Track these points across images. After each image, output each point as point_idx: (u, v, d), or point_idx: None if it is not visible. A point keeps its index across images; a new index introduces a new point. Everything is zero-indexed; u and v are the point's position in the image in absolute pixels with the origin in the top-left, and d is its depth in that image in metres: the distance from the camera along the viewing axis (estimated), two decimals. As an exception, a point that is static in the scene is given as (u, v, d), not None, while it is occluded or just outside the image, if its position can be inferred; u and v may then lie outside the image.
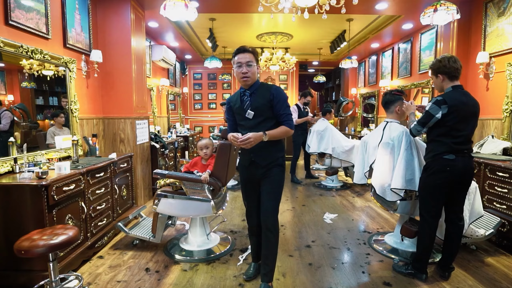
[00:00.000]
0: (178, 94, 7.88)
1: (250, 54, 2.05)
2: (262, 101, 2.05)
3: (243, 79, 2.06)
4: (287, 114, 2.06)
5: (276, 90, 2.07)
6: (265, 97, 2.05)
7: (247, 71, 2.03)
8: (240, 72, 2.05)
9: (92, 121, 3.68)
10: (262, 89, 2.10)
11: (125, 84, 3.89)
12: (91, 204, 2.72)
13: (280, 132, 2.03)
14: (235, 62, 2.07)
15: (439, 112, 2.17)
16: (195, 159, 2.87)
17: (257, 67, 2.10)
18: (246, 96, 2.11)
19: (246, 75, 2.04)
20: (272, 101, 2.04)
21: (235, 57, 2.08)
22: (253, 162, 2.13)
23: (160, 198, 2.67)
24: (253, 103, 2.07)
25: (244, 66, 2.03)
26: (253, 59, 2.05)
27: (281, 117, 2.05)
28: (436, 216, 2.31)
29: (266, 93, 2.06)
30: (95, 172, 2.77)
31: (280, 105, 2.03)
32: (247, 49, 2.06)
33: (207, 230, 2.94)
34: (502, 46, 3.50)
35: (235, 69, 2.08)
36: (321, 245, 2.99)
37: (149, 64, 5.60)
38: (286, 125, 2.05)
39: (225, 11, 4.57)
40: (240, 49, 2.06)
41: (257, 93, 2.08)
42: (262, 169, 2.11)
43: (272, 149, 2.10)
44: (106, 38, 3.82)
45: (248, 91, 2.11)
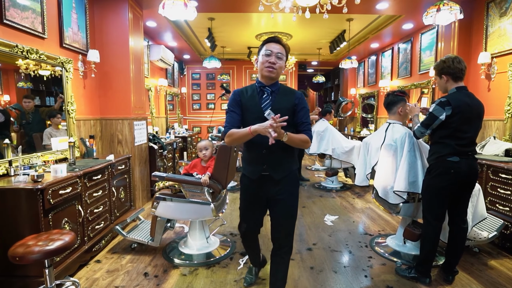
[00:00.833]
0: (176, 94, 7.83)
1: (283, 48, 1.80)
2: (285, 104, 1.80)
3: (268, 69, 1.76)
4: (308, 123, 1.83)
5: (301, 96, 1.85)
6: (289, 101, 1.82)
7: (276, 62, 1.76)
8: (267, 61, 1.75)
9: (90, 122, 3.62)
10: (285, 91, 1.86)
11: (123, 84, 3.83)
12: (88, 207, 2.67)
13: (300, 139, 1.75)
14: (263, 50, 1.79)
15: (443, 114, 2.13)
16: (195, 161, 2.82)
17: (284, 65, 1.83)
18: (266, 93, 1.82)
19: (274, 67, 1.76)
20: (296, 107, 1.81)
21: (264, 45, 1.79)
22: (265, 175, 1.82)
23: (159, 201, 2.62)
24: (274, 103, 1.80)
25: (274, 56, 1.75)
26: (284, 53, 1.80)
27: (302, 126, 1.80)
28: (440, 219, 2.28)
29: (291, 97, 1.83)
30: (92, 175, 2.72)
31: (303, 112, 1.81)
32: (281, 41, 1.80)
33: (207, 233, 2.89)
34: (504, 47, 3.47)
35: (261, 58, 1.79)
36: (322, 248, 2.95)
37: (147, 64, 5.54)
38: (307, 134, 1.78)
39: (224, 10, 4.52)
40: (273, 38, 1.80)
41: (280, 93, 1.83)
42: (276, 185, 1.82)
43: (289, 160, 1.85)
44: (103, 37, 3.76)
45: (269, 88, 1.82)
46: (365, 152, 2.97)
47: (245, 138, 1.70)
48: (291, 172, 1.86)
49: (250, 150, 1.86)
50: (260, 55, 1.81)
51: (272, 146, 1.65)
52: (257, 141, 1.73)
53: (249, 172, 1.89)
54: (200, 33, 6.12)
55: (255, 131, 1.61)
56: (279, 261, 1.93)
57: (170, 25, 5.16)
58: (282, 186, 1.83)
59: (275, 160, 1.80)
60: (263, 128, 1.58)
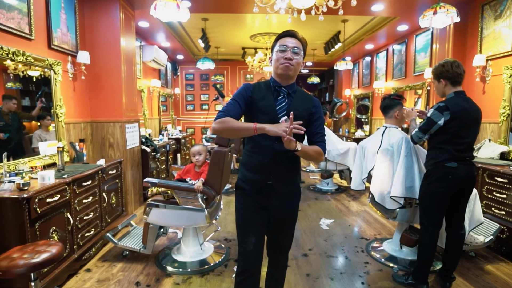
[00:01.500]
0: (169, 95, 7.72)
1: (299, 42, 1.57)
2: (302, 110, 1.59)
3: (285, 65, 1.53)
4: (323, 135, 1.64)
5: (319, 104, 1.67)
6: (306, 107, 1.61)
7: (292, 58, 1.54)
8: (283, 57, 1.53)
9: (80, 125, 3.52)
10: (302, 96, 1.65)
11: (114, 86, 3.74)
12: (78, 215, 2.58)
13: (313, 151, 1.56)
14: (276, 46, 1.57)
15: (441, 119, 2.10)
16: (188, 166, 2.75)
17: (303, 63, 1.61)
18: (282, 95, 1.61)
19: (290, 63, 1.53)
20: (313, 115, 1.62)
21: (278, 40, 1.58)
22: (268, 186, 1.61)
23: (151, 207, 2.55)
24: (291, 108, 1.57)
25: (289, 51, 1.53)
26: (301, 48, 1.57)
27: (317, 136, 1.62)
28: (437, 225, 2.25)
29: (308, 103, 1.63)
30: (82, 181, 2.63)
31: (319, 122, 1.64)
32: (297, 34, 1.58)
33: (200, 239, 2.83)
34: (498, 49, 3.46)
35: (276, 55, 1.57)
36: (318, 254, 2.91)
37: (139, 65, 5.44)
38: (321, 147, 1.60)
39: (218, 11, 4.45)
40: (288, 32, 1.58)
41: (297, 97, 1.62)
42: (279, 198, 1.64)
43: (296, 171, 1.69)
44: (94, 38, 3.67)
45: (286, 89, 1.61)
46: (361, 156, 2.94)
47: (244, 132, 1.49)
48: (297, 186, 1.72)
49: (254, 155, 1.61)
50: (274, 52, 1.60)
51: (282, 155, 1.53)
52: (267, 146, 1.54)
53: (250, 180, 1.64)
54: (193, 34, 6.04)
55: (262, 129, 1.40)
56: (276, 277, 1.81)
57: (163, 26, 5.07)
58: (285, 200, 1.66)
59: (283, 171, 1.62)
60: (277, 129, 1.37)
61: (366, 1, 3.90)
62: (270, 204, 1.64)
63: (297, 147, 1.43)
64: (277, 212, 1.66)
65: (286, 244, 1.77)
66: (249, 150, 1.64)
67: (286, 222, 1.71)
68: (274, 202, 1.64)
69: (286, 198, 1.66)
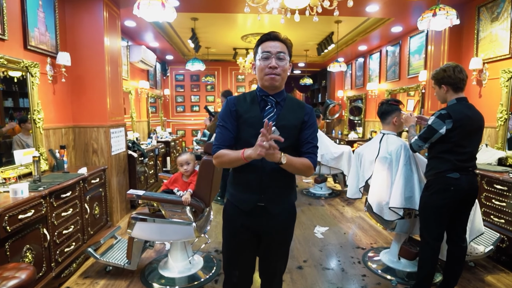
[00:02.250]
0: (159, 96, 7.51)
1: (283, 44, 1.41)
2: (293, 120, 1.43)
3: (270, 77, 1.39)
4: (314, 146, 1.45)
5: (312, 111, 1.49)
6: (297, 116, 1.44)
7: (277, 66, 1.38)
8: (267, 66, 1.38)
9: (60, 130, 3.31)
10: (292, 104, 1.48)
11: (98, 88, 3.54)
12: (56, 229, 2.39)
13: (301, 164, 1.39)
14: (259, 52, 1.42)
15: (443, 127, 1.99)
16: (176, 175, 2.59)
17: (290, 65, 1.45)
18: (270, 104, 1.45)
19: (276, 72, 1.38)
20: (304, 124, 1.44)
21: (259, 45, 1.43)
22: (259, 207, 1.45)
23: (135, 221, 2.37)
24: (280, 118, 1.42)
25: (273, 57, 1.38)
26: (286, 51, 1.41)
27: (307, 146, 1.43)
28: (439, 238, 2.14)
29: (299, 111, 1.45)
30: (61, 192, 2.44)
31: (311, 130, 1.45)
32: (279, 36, 1.41)
33: (189, 253, 2.67)
34: (495, 52, 3.39)
35: (259, 62, 1.42)
36: (313, 266, 2.78)
37: (126, 66, 5.23)
38: (310, 160, 1.42)
39: (208, 10, 4.29)
40: (269, 36, 1.41)
41: (287, 105, 1.46)
42: (271, 219, 1.46)
43: (290, 190, 1.51)
44: (76, 38, 3.46)
45: (273, 98, 1.45)
46: (357, 164, 2.82)
47: (237, 163, 1.37)
48: (291, 206, 1.54)
49: (241, 172, 1.45)
50: (256, 59, 1.43)
51: (273, 171, 1.38)
52: (254, 163, 1.37)
53: (239, 201, 1.48)
54: (183, 34, 5.85)
55: (249, 157, 1.28)
56: None
57: (151, 25, 4.88)
58: (279, 222, 1.49)
59: (275, 190, 1.44)
60: (257, 152, 1.23)
61: (361, 2, 3.79)
62: (262, 227, 1.48)
63: (281, 159, 1.28)
64: (270, 235, 1.51)
65: (280, 268, 1.62)
66: (236, 167, 1.46)
67: (280, 246, 1.56)
68: (266, 224, 1.47)
69: (281, 220, 1.49)
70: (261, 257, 1.59)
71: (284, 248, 1.58)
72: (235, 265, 1.55)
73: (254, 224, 1.48)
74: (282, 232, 1.52)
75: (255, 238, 1.51)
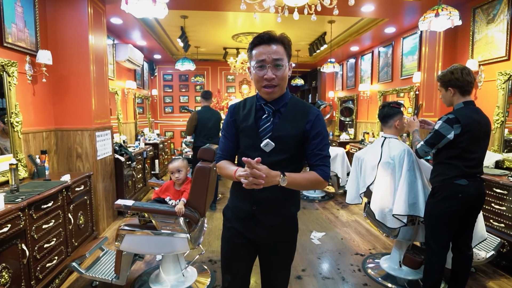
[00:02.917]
0: (146, 97, 7.27)
1: (280, 46, 1.23)
2: (291, 129, 1.28)
3: (266, 90, 1.25)
4: (324, 157, 1.29)
5: (317, 116, 1.29)
6: (297, 125, 1.29)
7: (274, 77, 1.23)
8: (262, 77, 1.23)
9: (41, 134, 3.09)
10: (294, 110, 1.31)
11: (82, 89, 3.33)
12: (37, 244, 2.19)
13: (307, 181, 1.26)
14: (253, 58, 1.26)
15: (451, 133, 1.91)
16: (167, 184, 2.42)
17: (289, 67, 1.29)
18: (267, 113, 1.31)
19: (273, 83, 1.24)
20: (308, 133, 1.29)
21: (253, 50, 1.26)
22: (253, 216, 1.36)
23: (124, 233, 2.20)
24: (276, 128, 1.29)
25: (269, 67, 1.22)
26: (284, 54, 1.24)
27: (314, 159, 1.28)
28: (445, 247, 2.06)
29: (301, 119, 1.29)
30: (42, 203, 2.24)
31: (319, 139, 1.28)
32: (274, 37, 1.23)
33: (182, 265, 2.51)
34: (491, 54, 3.37)
35: (254, 70, 1.27)
36: (313, 275, 2.67)
37: (112, 65, 5.00)
38: (319, 173, 1.27)
39: (199, 8, 4.12)
40: (262, 38, 1.23)
41: (287, 113, 1.30)
42: (267, 230, 1.37)
43: (288, 200, 1.37)
44: (58, 35, 3.24)
45: (272, 105, 1.31)
46: (357, 168, 2.73)
47: (233, 179, 1.29)
48: (289, 218, 1.40)
49: (237, 183, 1.33)
50: (251, 66, 1.28)
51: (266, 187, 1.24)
52: None
53: (234, 208, 1.42)
54: (172, 32, 5.65)
55: (239, 177, 1.18)
56: None
57: (138, 23, 4.66)
58: (273, 233, 1.37)
59: (268, 201, 1.33)
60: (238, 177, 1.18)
61: (357, 2, 3.71)
62: (257, 237, 1.39)
63: (280, 183, 1.17)
64: (266, 247, 1.43)
65: (280, 284, 1.51)
66: None
67: (278, 259, 1.44)
68: (261, 235, 1.38)
69: (276, 231, 1.38)
70: (261, 270, 1.52)
71: (283, 262, 1.47)
72: (227, 269, 1.49)
73: (249, 232, 1.40)
74: (279, 244, 1.42)
75: (250, 246, 1.43)
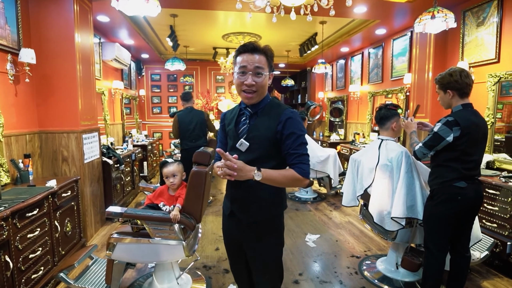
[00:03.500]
0: (134, 97, 7.09)
1: (262, 56, 1.34)
2: (264, 130, 1.38)
3: (245, 95, 1.37)
4: (300, 155, 1.34)
5: (289, 119, 1.36)
6: (270, 126, 1.37)
7: (254, 83, 1.33)
8: (243, 83, 1.35)
9: (24, 137, 2.93)
10: (269, 112, 1.41)
11: (68, 89, 3.18)
12: (21, 254, 2.06)
13: (283, 177, 1.32)
14: (236, 65, 1.37)
15: (451, 135, 1.90)
16: (161, 188, 2.33)
17: (269, 76, 1.40)
18: (245, 116, 1.44)
19: (252, 89, 1.35)
20: (280, 134, 1.36)
21: (237, 57, 1.38)
22: (233, 214, 1.49)
23: (116, 241, 2.10)
24: (251, 129, 1.40)
25: (250, 74, 1.33)
26: (265, 64, 1.35)
27: (291, 158, 1.35)
28: (444, 249, 2.06)
29: (273, 121, 1.38)
30: (26, 211, 2.12)
31: (291, 139, 1.34)
32: (258, 47, 1.34)
33: (176, 272, 2.42)
34: (481, 57, 3.42)
35: (236, 75, 1.38)
36: (310, 279, 2.63)
37: (99, 65, 4.83)
38: (297, 170, 1.32)
39: (190, 7, 4.02)
40: (246, 47, 1.34)
41: (261, 116, 1.41)
42: (245, 229, 1.46)
43: (267, 200, 1.42)
44: (42, 33, 3.09)
45: (250, 109, 1.43)
46: (353, 170, 2.71)
47: None
48: (268, 218, 1.44)
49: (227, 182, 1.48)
50: (234, 71, 1.39)
51: (243, 184, 1.32)
52: None
53: (224, 204, 1.60)
54: (161, 31, 5.52)
55: (217, 169, 1.27)
56: None
57: (126, 21, 4.52)
58: (251, 231, 1.45)
59: (245, 200, 1.43)
60: None
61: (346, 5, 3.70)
62: (237, 234, 1.52)
63: (254, 177, 1.24)
64: (247, 249, 1.52)
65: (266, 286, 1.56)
66: None
67: (261, 259, 1.49)
68: (241, 233, 1.50)
69: (254, 230, 1.46)
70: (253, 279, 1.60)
71: (265, 264, 1.50)
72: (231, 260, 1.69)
73: (232, 229, 1.55)
74: (257, 243, 1.48)
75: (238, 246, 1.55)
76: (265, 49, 1.36)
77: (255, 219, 1.43)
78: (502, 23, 3.21)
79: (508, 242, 2.58)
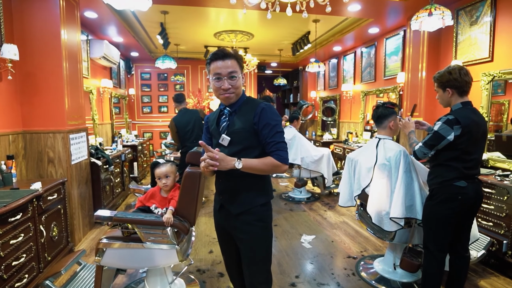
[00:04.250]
0: (123, 96, 6.92)
1: (233, 61, 1.47)
2: (242, 124, 1.51)
3: (225, 96, 1.51)
4: (277, 143, 1.47)
5: (263, 110, 1.49)
6: (247, 119, 1.50)
7: (230, 87, 1.48)
8: (220, 88, 1.48)
9: (7, 138, 2.79)
10: (246, 107, 1.54)
11: (53, 88, 3.05)
12: (3, 262, 1.94)
13: (263, 164, 1.44)
14: (211, 72, 1.49)
15: (451, 134, 1.87)
16: (153, 190, 2.23)
17: (242, 76, 1.55)
18: (225, 115, 1.59)
19: (229, 92, 1.49)
20: (256, 125, 1.49)
21: (210, 64, 1.49)
22: (222, 206, 1.61)
23: (106, 247, 2.00)
24: (231, 125, 1.54)
25: (225, 79, 1.46)
26: (237, 67, 1.49)
27: (268, 147, 1.48)
28: (444, 250, 2.03)
29: (249, 115, 1.51)
30: (9, 216, 2.00)
31: (267, 130, 1.47)
32: (228, 53, 1.47)
33: (169, 277, 2.33)
34: (475, 56, 3.43)
35: (212, 82, 1.51)
36: (307, 282, 2.57)
37: (87, 63, 4.68)
38: (275, 157, 1.45)
39: (181, 3, 3.92)
40: (217, 54, 1.47)
41: (239, 112, 1.55)
42: (234, 220, 1.56)
43: (251, 191, 1.53)
44: (25, 29, 2.95)
45: (229, 108, 1.57)
46: (350, 170, 2.66)
47: None
48: (254, 207, 1.54)
49: None
50: (210, 78, 1.53)
51: (228, 174, 1.44)
52: None
53: (214, 200, 1.73)
54: (151, 28, 5.39)
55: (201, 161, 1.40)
56: None
57: (115, 17, 4.38)
58: (242, 223, 1.54)
59: (232, 191, 1.55)
60: None
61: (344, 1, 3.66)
62: (228, 226, 1.61)
63: (236, 165, 1.38)
64: (237, 237, 1.59)
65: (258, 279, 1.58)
66: None
67: (250, 251, 1.56)
68: (230, 224, 1.59)
69: (243, 221, 1.54)
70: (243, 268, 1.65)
71: (253, 253, 1.56)
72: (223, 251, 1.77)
73: (222, 221, 1.64)
74: (247, 234, 1.54)
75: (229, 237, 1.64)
76: (235, 53, 1.50)
77: (243, 209, 1.53)
78: (496, 22, 3.21)
79: (504, 240, 2.58)
